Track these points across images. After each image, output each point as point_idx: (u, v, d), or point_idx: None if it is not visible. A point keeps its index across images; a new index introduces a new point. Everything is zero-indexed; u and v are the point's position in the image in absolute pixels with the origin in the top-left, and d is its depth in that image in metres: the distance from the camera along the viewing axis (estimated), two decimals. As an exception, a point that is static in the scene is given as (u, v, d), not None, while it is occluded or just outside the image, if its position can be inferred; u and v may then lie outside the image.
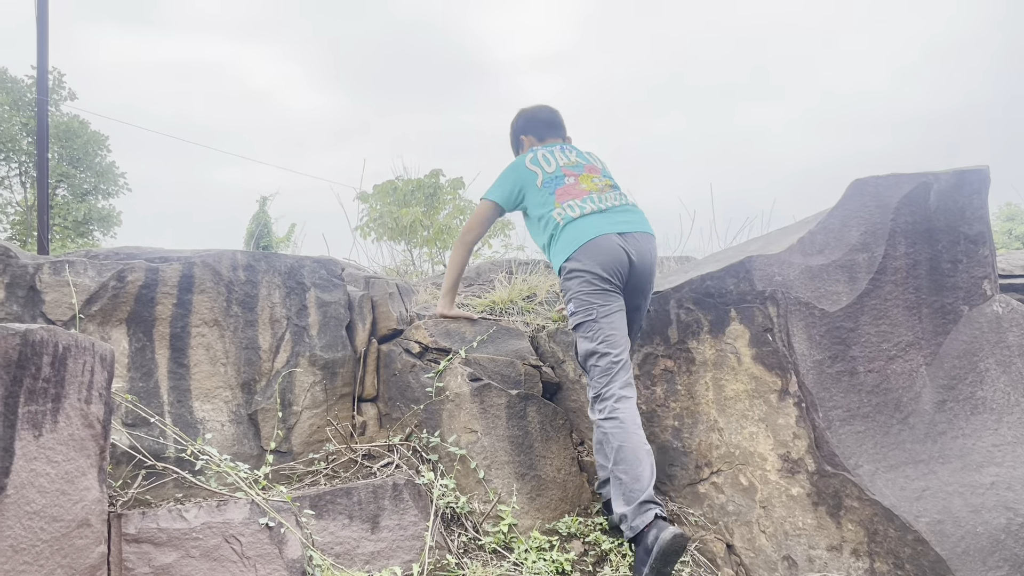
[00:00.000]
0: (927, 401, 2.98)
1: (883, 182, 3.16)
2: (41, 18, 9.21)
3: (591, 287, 3.05)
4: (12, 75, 20.48)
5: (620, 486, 2.80)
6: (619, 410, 2.90)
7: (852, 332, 2.99)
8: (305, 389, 3.30)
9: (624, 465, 2.81)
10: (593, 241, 3.08)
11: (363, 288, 3.67)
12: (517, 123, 3.66)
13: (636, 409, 2.95)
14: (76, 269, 3.02)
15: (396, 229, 10.71)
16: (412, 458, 3.27)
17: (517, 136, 3.67)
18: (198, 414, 3.10)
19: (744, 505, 3.02)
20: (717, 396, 3.13)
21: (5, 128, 19.84)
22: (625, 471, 2.80)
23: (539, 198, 3.28)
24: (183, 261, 3.23)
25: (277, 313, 3.34)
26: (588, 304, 3.04)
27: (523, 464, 3.21)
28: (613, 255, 3.07)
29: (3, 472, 1.91)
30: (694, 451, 3.19)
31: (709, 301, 3.17)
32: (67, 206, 20.49)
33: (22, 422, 1.97)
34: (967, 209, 3.18)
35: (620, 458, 2.82)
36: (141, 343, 3.08)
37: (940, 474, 2.82)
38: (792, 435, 2.92)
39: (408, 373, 3.44)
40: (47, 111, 9.68)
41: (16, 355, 1.95)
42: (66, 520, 2.10)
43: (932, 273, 3.12)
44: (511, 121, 3.69)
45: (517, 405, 3.30)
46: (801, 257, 3.09)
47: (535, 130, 3.59)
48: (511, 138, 3.72)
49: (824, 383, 2.92)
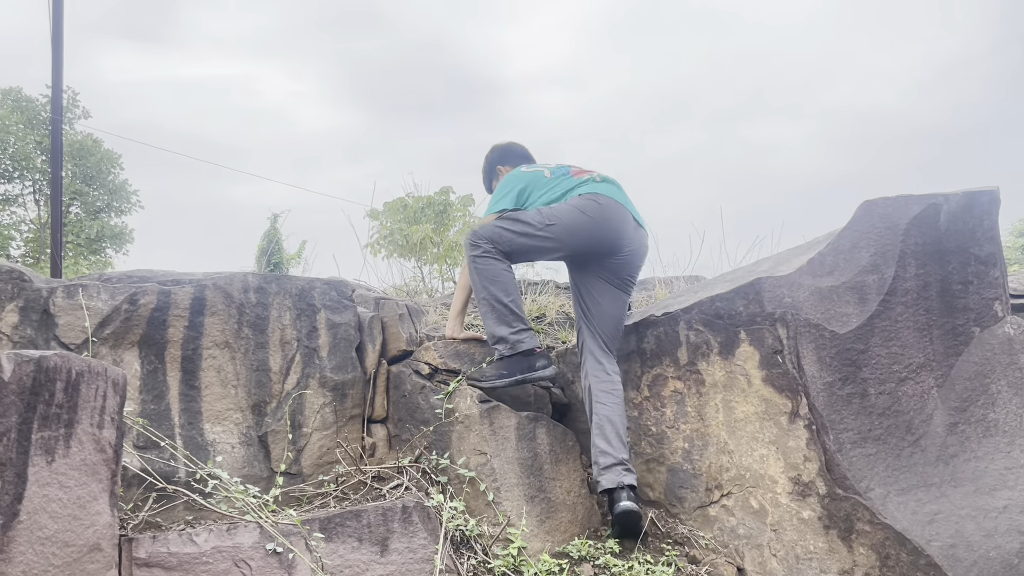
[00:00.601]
0: (939, 423, 2.96)
1: (893, 203, 3.16)
2: (56, 38, 9.35)
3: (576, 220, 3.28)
4: (27, 94, 20.74)
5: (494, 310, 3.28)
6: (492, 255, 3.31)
7: (862, 354, 2.98)
8: (315, 411, 3.31)
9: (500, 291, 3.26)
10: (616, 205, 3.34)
11: (373, 309, 3.68)
12: (493, 155, 3.93)
13: None
14: (89, 292, 3.05)
15: (406, 246, 10.75)
16: (422, 480, 3.27)
17: (493, 167, 3.92)
18: (209, 436, 3.12)
19: (755, 528, 3.01)
20: (727, 418, 3.12)
21: (20, 147, 20.05)
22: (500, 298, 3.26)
23: (552, 183, 3.47)
24: (195, 284, 3.25)
25: (287, 335, 3.36)
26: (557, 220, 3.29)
27: (533, 486, 3.20)
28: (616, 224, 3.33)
29: (16, 498, 1.92)
30: (704, 473, 3.18)
31: (719, 323, 3.16)
32: (80, 223, 20.66)
33: (35, 448, 1.99)
34: (977, 230, 3.18)
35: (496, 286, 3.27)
36: (153, 366, 3.10)
37: (952, 497, 2.81)
38: (803, 458, 2.91)
39: (418, 394, 3.45)
40: (61, 133, 9.80)
41: (30, 381, 1.97)
42: (77, 545, 2.11)
43: (943, 294, 3.11)
44: (486, 155, 3.94)
45: (526, 427, 3.30)
46: (811, 278, 3.08)
47: (511, 160, 3.87)
48: (486, 170, 3.95)
49: (835, 405, 2.91)
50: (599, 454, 3.17)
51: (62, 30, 9.32)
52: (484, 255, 3.30)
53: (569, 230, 3.28)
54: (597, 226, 3.29)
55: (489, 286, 3.29)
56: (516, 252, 3.34)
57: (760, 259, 3.94)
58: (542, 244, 3.32)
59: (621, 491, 3.06)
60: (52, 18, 9.25)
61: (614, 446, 3.15)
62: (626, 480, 3.08)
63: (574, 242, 3.31)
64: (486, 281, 3.30)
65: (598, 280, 3.40)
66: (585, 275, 3.43)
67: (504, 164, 3.87)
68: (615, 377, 3.33)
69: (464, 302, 3.62)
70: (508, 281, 3.31)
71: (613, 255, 3.35)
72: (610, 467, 3.11)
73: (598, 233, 3.30)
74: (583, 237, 3.30)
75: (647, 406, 3.39)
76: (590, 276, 3.42)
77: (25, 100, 20.64)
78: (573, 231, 3.29)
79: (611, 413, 3.22)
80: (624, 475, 3.09)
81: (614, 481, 3.08)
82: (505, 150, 3.90)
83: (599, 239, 3.31)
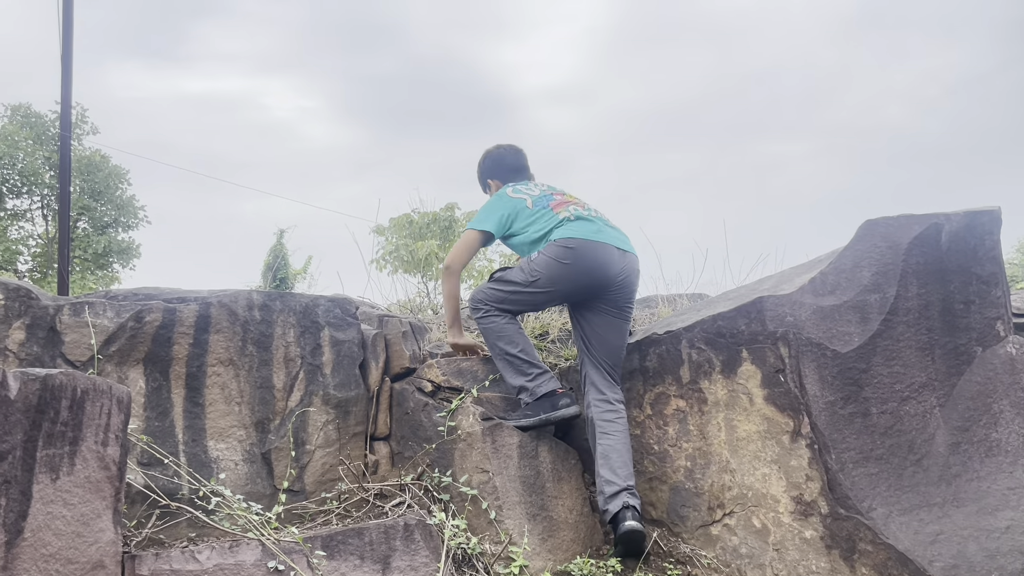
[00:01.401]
0: (941, 443, 2.96)
1: (894, 223, 3.17)
2: (65, 55, 9.45)
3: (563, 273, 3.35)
4: (36, 110, 20.90)
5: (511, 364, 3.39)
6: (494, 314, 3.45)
7: (864, 373, 2.99)
8: (318, 428, 3.33)
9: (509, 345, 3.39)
10: (596, 244, 3.37)
11: (377, 326, 3.70)
12: (484, 164, 3.95)
13: None
14: (96, 310, 3.08)
15: (411, 262, 10.79)
16: (424, 498, 3.27)
17: (484, 179, 3.97)
18: (212, 453, 3.13)
19: (757, 547, 3.00)
20: (729, 437, 3.12)
21: (28, 162, 20.19)
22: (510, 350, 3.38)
23: (533, 216, 3.53)
24: (200, 301, 3.27)
25: (291, 352, 3.38)
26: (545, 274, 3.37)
27: (535, 504, 3.20)
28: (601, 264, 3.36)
29: (21, 516, 1.94)
30: (706, 492, 3.18)
31: (721, 341, 3.17)
32: (87, 239, 20.75)
33: (40, 465, 2.01)
34: (979, 249, 3.18)
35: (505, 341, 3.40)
36: (157, 383, 3.12)
37: (955, 518, 2.80)
38: (805, 477, 2.91)
39: (420, 412, 3.46)
40: (70, 149, 9.87)
41: (36, 400, 1.99)
42: (81, 562, 2.12)
43: (945, 314, 3.11)
44: (479, 161, 3.96)
45: (529, 445, 3.30)
46: (813, 297, 3.09)
47: (500, 175, 3.88)
48: (478, 177, 4.00)
49: (836, 424, 2.91)
50: (604, 483, 3.17)
51: (71, 47, 9.42)
52: (486, 315, 3.46)
53: (552, 280, 3.37)
54: (577, 271, 3.34)
55: (497, 342, 3.43)
56: (514, 308, 3.49)
57: (763, 277, 3.95)
58: (533, 299, 3.46)
59: (626, 511, 3.06)
60: (62, 35, 9.36)
61: (619, 475, 3.15)
62: (631, 502, 3.09)
63: (562, 289, 3.40)
64: (494, 338, 3.44)
65: (597, 312, 3.42)
66: (583, 309, 3.46)
67: (494, 178, 3.90)
68: (619, 407, 3.34)
69: (457, 308, 3.70)
70: (513, 333, 3.43)
71: (606, 290, 3.39)
72: (616, 495, 3.11)
73: (581, 278, 3.35)
74: (568, 284, 3.38)
75: (649, 424, 3.39)
76: (589, 310, 3.44)
77: (34, 116, 20.80)
78: (556, 281, 3.37)
79: (616, 443, 3.23)
80: (629, 498, 3.10)
81: (619, 504, 3.08)
82: (496, 161, 3.91)
83: (584, 283, 3.36)
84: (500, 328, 3.43)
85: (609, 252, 3.39)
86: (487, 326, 3.46)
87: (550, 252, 3.37)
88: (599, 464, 3.22)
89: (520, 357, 3.38)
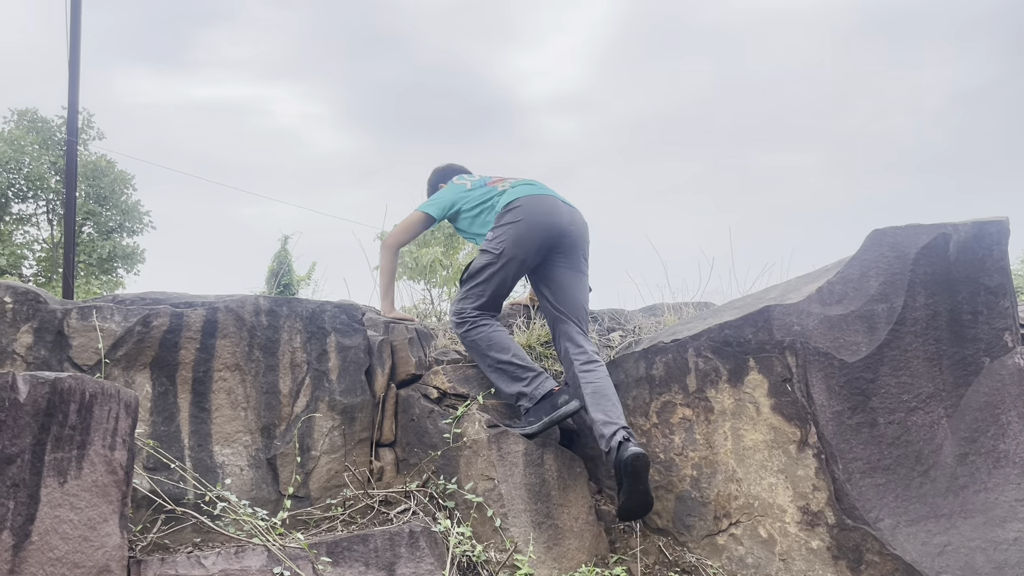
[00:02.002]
0: (948, 454, 2.95)
1: (902, 232, 3.17)
2: (73, 61, 9.48)
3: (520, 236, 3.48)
4: (42, 115, 20.99)
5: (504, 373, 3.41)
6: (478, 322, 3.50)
7: (872, 383, 2.98)
8: (324, 434, 3.32)
9: (498, 353, 3.41)
10: (540, 198, 3.57)
11: (383, 333, 3.70)
12: (433, 177, 4.27)
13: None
14: (103, 314, 3.08)
15: (416, 269, 10.80)
16: (429, 505, 3.27)
17: (435, 186, 4.22)
18: (218, 458, 3.13)
19: (763, 558, 2.99)
20: (736, 446, 3.12)
21: (35, 167, 20.26)
22: (500, 359, 3.40)
23: (473, 196, 3.79)
24: (207, 306, 3.28)
25: (298, 358, 3.38)
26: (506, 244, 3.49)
27: (540, 512, 3.20)
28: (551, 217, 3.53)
29: (28, 519, 1.94)
30: (712, 501, 3.17)
31: (728, 350, 3.17)
32: (92, 244, 20.80)
33: (48, 469, 2.01)
34: (987, 260, 3.18)
35: (494, 351, 3.42)
36: (164, 387, 3.12)
37: (962, 529, 2.79)
38: (812, 487, 2.90)
39: (426, 419, 3.45)
40: (76, 154, 9.90)
41: (45, 403, 1.99)
42: (87, 567, 2.12)
43: (952, 324, 3.11)
44: (428, 178, 4.30)
45: (534, 452, 3.30)
46: (820, 307, 3.09)
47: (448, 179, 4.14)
48: (428, 189, 4.29)
49: (844, 434, 2.91)
50: (601, 425, 3.21)
51: (79, 52, 9.46)
52: (472, 327, 3.50)
53: (516, 243, 3.48)
54: (531, 225, 3.49)
55: (488, 352, 3.45)
56: (493, 296, 3.55)
57: (769, 286, 3.95)
58: (505, 272, 3.51)
59: (627, 442, 3.11)
60: (70, 41, 9.40)
61: (612, 415, 3.22)
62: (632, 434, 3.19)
63: (525, 248, 3.50)
64: (483, 349, 3.47)
65: (559, 270, 3.59)
66: (546, 271, 3.61)
67: (444, 183, 4.15)
68: (595, 355, 3.46)
69: (390, 282, 3.93)
70: (501, 339, 3.47)
71: (561, 239, 3.55)
72: (615, 433, 3.16)
73: (537, 230, 3.50)
74: (529, 242, 3.49)
75: (655, 433, 3.38)
76: (551, 270, 3.60)
77: (40, 121, 20.88)
78: (518, 243, 3.48)
79: (602, 385, 3.33)
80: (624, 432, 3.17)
81: (621, 436, 3.14)
82: (444, 171, 4.23)
83: (542, 234, 3.51)
84: (487, 337, 3.45)
85: (555, 203, 3.60)
86: (474, 339, 3.49)
87: (503, 220, 3.54)
88: (591, 408, 3.27)
89: (513, 363, 3.39)
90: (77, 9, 9.44)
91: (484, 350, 3.45)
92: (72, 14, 9.40)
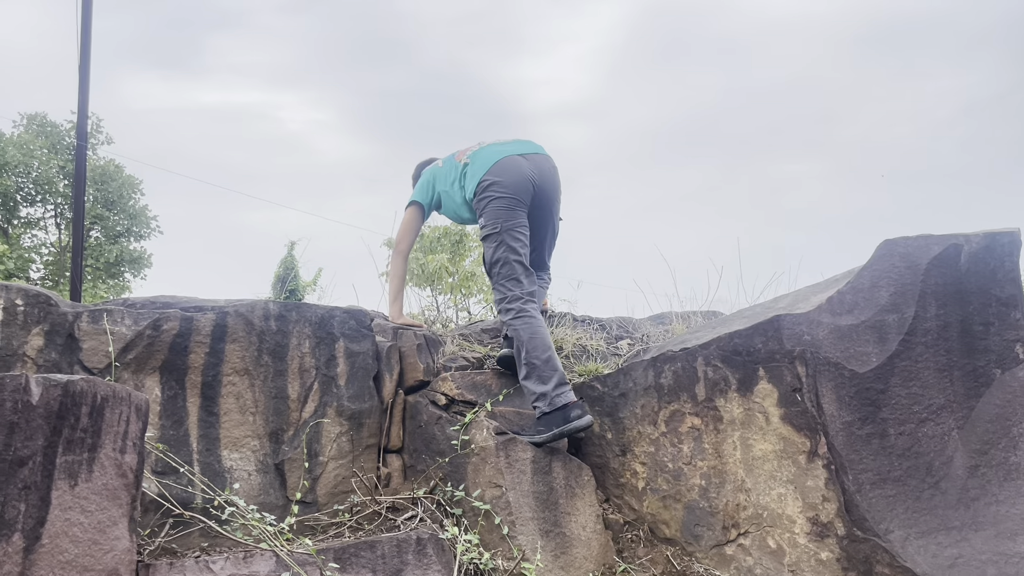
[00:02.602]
0: (959, 466, 2.94)
1: (913, 243, 3.16)
2: (83, 66, 9.52)
3: (501, 202, 3.60)
4: (51, 119, 21.07)
5: (535, 370, 3.37)
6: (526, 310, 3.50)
7: (882, 394, 2.97)
8: (332, 439, 3.32)
9: (537, 351, 3.38)
10: (501, 162, 3.67)
11: (391, 339, 3.70)
12: (415, 172, 4.40)
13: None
14: (114, 317, 3.09)
15: (422, 275, 10.80)
16: (436, 512, 3.26)
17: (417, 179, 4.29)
18: (226, 463, 3.13)
19: (772, 569, 2.98)
20: (745, 456, 3.10)
21: (43, 171, 20.33)
22: (537, 356, 3.37)
23: (445, 170, 3.95)
24: (217, 311, 3.28)
25: (306, 363, 3.38)
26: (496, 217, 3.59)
27: (548, 520, 3.19)
28: (519, 174, 3.65)
29: (39, 522, 1.94)
30: (721, 511, 3.15)
31: (737, 359, 3.16)
32: (100, 248, 20.84)
33: (59, 472, 2.01)
34: (999, 271, 3.17)
35: (532, 347, 3.39)
36: (173, 391, 3.13)
37: (973, 542, 2.77)
38: (821, 498, 2.89)
39: (434, 425, 3.45)
40: (85, 159, 9.94)
41: (56, 406, 2.00)
42: (96, 570, 2.11)
43: (963, 335, 3.09)
44: (412, 174, 4.43)
45: (542, 460, 3.29)
46: (830, 316, 3.08)
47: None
48: (413, 183, 4.37)
49: (854, 445, 2.89)
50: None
51: (89, 57, 9.50)
52: (517, 315, 3.50)
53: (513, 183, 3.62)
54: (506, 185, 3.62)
55: (529, 343, 3.43)
56: (519, 245, 3.60)
57: (778, 296, 3.94)
58: (518, 208, 3.63)
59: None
60: (80, 46, 9.44)
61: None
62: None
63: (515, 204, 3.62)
64: (524, 341, 3.45)
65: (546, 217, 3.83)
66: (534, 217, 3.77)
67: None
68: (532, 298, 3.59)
69: (399, 288, 4.01)
70: (543, 338, 3.46)
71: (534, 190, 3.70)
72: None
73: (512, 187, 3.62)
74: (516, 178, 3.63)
75: (664, 442, 3.37)
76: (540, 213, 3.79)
77: (50, 125, 20.96)
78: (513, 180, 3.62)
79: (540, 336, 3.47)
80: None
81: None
82: (422, 164, 4.37)
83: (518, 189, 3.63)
84: (532, 331, 3.44)
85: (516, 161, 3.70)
86: (517, 328, 3.47)
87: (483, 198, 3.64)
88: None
89: (548, 363, 3.38)
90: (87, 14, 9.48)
91: (525, 342, 3.44)
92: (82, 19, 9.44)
